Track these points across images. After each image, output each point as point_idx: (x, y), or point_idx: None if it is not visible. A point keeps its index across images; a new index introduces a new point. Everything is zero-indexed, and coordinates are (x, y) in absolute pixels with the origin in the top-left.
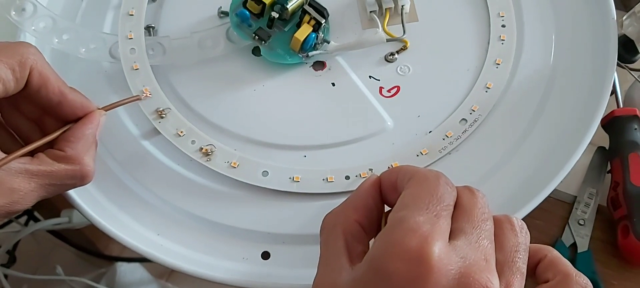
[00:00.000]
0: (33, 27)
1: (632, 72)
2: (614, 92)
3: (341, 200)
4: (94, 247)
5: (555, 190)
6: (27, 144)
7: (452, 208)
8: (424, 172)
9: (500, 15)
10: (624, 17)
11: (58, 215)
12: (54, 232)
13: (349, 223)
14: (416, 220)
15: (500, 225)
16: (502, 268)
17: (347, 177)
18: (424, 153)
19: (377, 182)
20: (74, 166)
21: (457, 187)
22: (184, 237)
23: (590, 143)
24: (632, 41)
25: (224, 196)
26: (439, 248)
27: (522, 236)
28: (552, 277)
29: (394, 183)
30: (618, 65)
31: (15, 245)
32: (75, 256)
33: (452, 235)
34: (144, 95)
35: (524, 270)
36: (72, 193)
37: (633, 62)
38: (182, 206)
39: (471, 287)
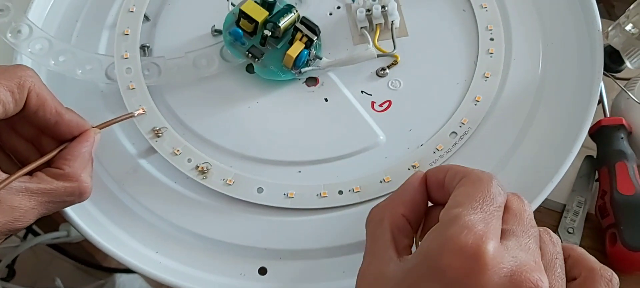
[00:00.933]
0: (29, 49)
1: (618, 81)
2: (601, 101)
3: (334, 214)
4: (93, 259)
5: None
6: (24, 163)
7: (502, 209)
8: (477, 172)
9: (489, 28)
10: (610, 28)
11: (57, 229)
12: (52, 245)
13: (397, 217)
14: (471, 218)
15: (540, 235)
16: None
17: (340, 192)
18: (415, 167)
19: (424, 179)
20: (72, 183)
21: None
22: (181, 254)
23: (578, 152)
24: (617, 51)
25: (220, 213)
26: (494, 247)
27: (559, 246)
28: (579, 274)
29: (441, 182)
30: (604, 75)
31: (15, 259)
32: (74, 268)
33: (503, 236)
34: (138, 112)
35: (564, 277)
36: (71, 212)
37: (619, 71)
38: (179, 223)
39: (523, 285)
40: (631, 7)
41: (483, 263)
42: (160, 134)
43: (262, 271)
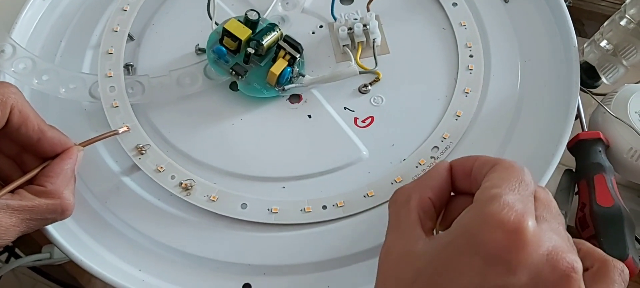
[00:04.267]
0: (12, 69)
1: (594, 96)
2: (578, 116)
3: (318, 229)
4: (76, 283)
5: None
6: (6, 181)
7: (533, 196)
8: (509, 160)
9: (468, 46)
10: (585, 45)
11: (39, 251)
12: (34, 269)
13: (423, 199)
14: (510, 198)
15: None
16: None
17: (324, 207)
18: (398, 181)
19: (450, 168)
20: (54, 200)
21: None
22: (165, 272)
23: (558, 166)
24: (593, 67)
25: (204, 229)
26: (533, 225)
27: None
28: (591, 265)
29: (468, 171)
30: (581, 90)
31: None
32: None
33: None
34: (121, 129)
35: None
36: (53, 231)
37: (595, 87)
38: (163, 241)
39: (559, 264)
40: (605, 24)
41: (524, 239)
42: (144, 151)
43: (247, 287)
